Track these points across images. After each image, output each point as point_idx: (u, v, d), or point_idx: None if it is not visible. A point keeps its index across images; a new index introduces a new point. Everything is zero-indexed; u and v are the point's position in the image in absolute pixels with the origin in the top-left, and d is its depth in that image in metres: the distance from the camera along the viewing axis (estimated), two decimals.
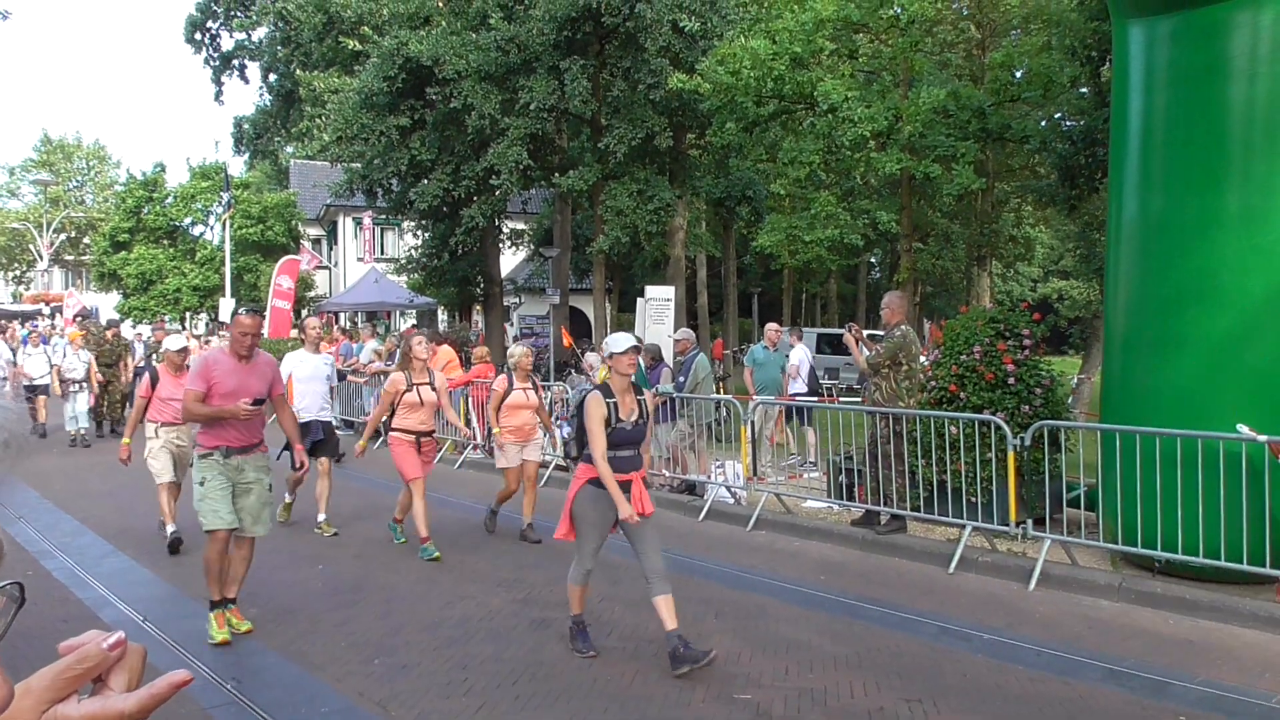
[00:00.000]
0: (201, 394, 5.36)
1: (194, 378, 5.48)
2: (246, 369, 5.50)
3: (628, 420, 5.08)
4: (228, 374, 5.44)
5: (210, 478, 5.39)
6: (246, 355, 5.48)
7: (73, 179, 56.17)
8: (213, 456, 5.42)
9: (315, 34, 27.66)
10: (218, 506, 5.36)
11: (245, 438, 5.53)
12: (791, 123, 20.18)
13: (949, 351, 7.81)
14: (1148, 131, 6.71)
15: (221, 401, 5.38)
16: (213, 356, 5.55)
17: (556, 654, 5.19)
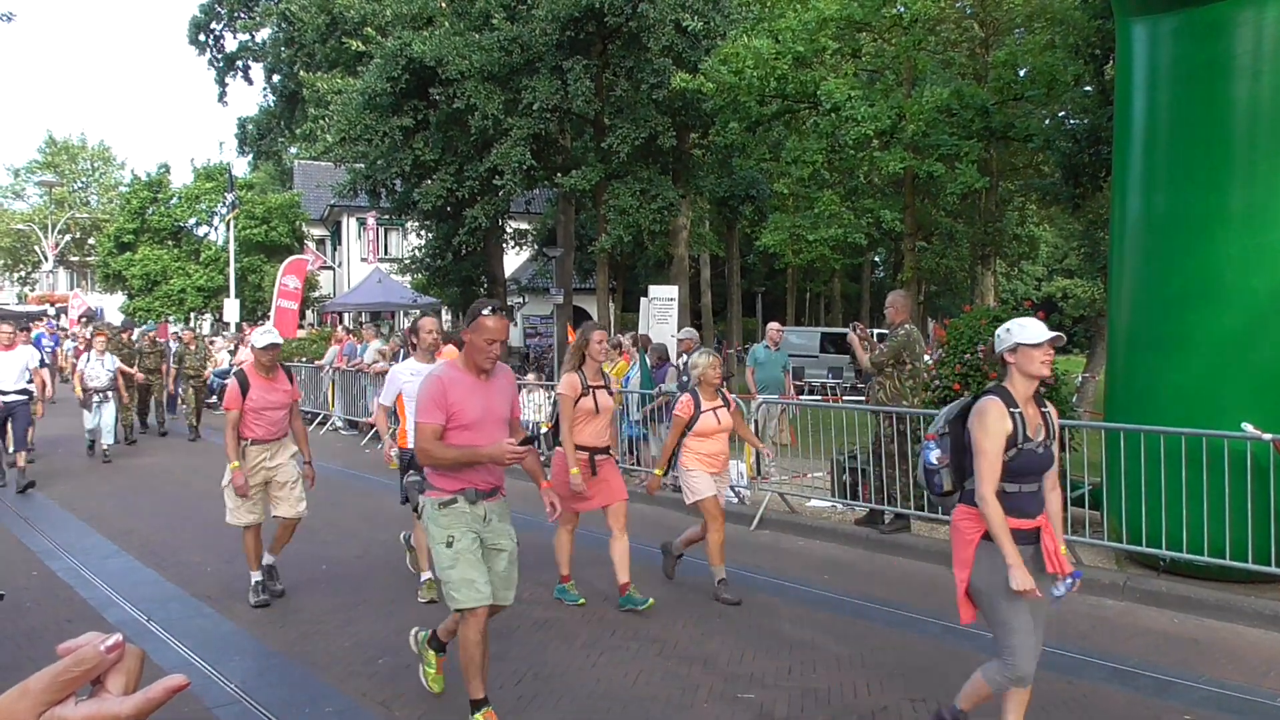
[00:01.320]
0: (440, 427, 4.02)
1: (427, 405, 4.05)
2: (487, 387, 4.20)
3: (1036, 440, 3.60)
4: (469, 395, 4.09)
5: (459, 535, 4.09)
6: (489, 369, 4.20)
7: (77, 180, 56.36)
8: (456, 504, 4.11)
9: (319, 35, 27.76)
10: (473, 574, 4.05)
11: (492, 477, 4.24)
12: (795, 122, 20.18)
13: (952, 350, 7.80)
14: (1151, 130, 6.69)
15: (468, 436, 4.07)
16: (446, 374, 4.14)
17: (559, 654, 5.19)
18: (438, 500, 4.12)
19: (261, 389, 6.07)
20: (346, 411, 15.80)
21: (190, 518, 9.00)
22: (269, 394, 6.11)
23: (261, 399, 6.06)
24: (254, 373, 6.16)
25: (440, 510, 4.11)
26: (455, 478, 4.13)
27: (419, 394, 4.22)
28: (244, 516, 6.08)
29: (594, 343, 6.07)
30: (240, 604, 6.13)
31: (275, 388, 6.14)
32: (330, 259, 38.19)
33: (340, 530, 8.45)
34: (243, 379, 6.12)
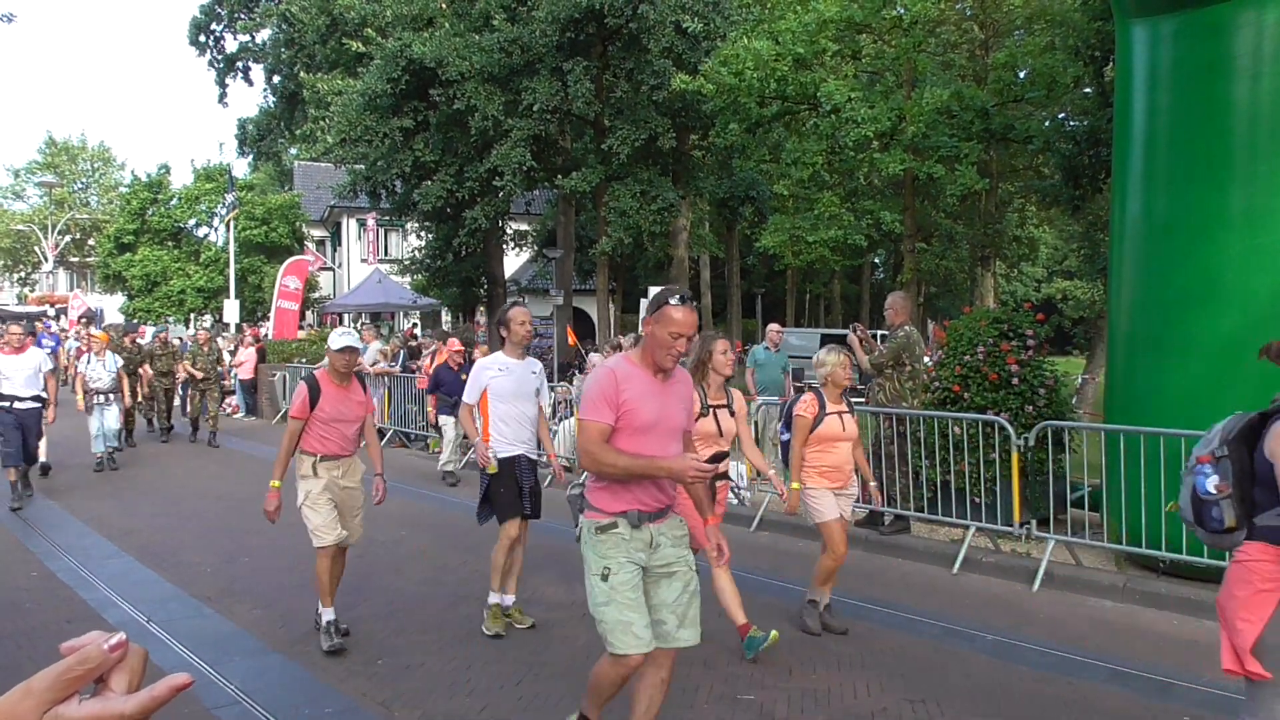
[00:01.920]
0: (608, 428, 3.37)
1: (596, 400, 3.40)
2: (666, 390, 3.51)
3: None
4: (645, 395, 3.43)
5: (617, 567, 3.41)
6: (669, 369, 3.53)
7: (77, 181, 56.39)
8: (617, 530, 3.42)
9: (319, 36, 27.75)
10: (630, 616, 3.37)
11: (664, 496, 3.53)
12: (795, 123, 20.19)
13: (952, 352, 7.80)
14: (1151, 131, 6.70)
15: (638, 443, 3.39)
16: (620, 368, 3.46)
17: (559, 654, 5.19)
18: (595, 523, 3.45)
19: (334, 398, 5.34)
20: None
21: (191, 519, 9.00)
22: (342, 404, 5.37)
23: (334, 410, 5.33)
24: (326, 379, 5.37)
25: (598, 535, 3.44)
26: (618, 495, 3.43)
27: (586, 386, 3.60)
28: (328, 535, 5.26)
29: (718, 354, 5.26)
30: (240, 604, 6.12)
31: (349, 398, 5.40)
32: (330, 260, 38.20)
33: None
34: (314, 385, 5.33)
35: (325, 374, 5.41)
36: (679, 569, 3.56)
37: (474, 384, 5.60)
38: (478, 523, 5.69)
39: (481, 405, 5.59)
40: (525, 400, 5.61)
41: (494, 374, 5.54)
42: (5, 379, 9.37)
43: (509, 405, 5.55)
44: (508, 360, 5.59)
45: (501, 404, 5.55)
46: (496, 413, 5.56)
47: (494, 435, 5.53)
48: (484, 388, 5.54)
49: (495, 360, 5.62)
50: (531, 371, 5.67)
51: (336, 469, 5.37)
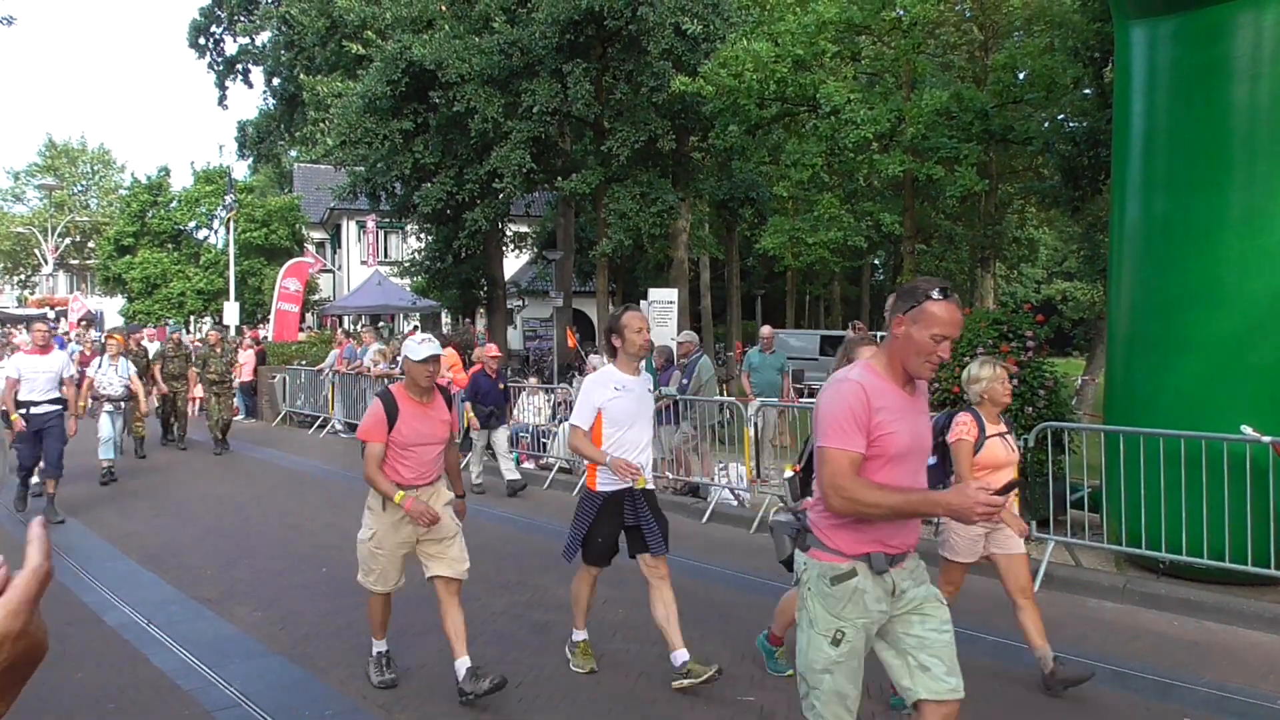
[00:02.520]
0: (860, 457, 2.75)
1: (843, 423, 2.75)
2: (916, 405, 2.95)
3: None
4: (899, 416, 2.83)
5: (853, 632, 2.82)
6: (927, 378, 2.94)
7: (77, 183, 56.44)
8: (853, 578, 2.83)
9: (318, 38, 27.75)
10: (849, 690, 2.86)
11: (911, 534, 2.94)
12: (794, 125, 20.20)
13: (952, 353, 7.81)
14: (1150, 133, 6.71)
15: (891, 473, 2.80)
16: (868, 381, 2.82)
17: (559, 657, 5.19)
18: (830, 570, 2.83)
19: (415, 418, 4.55)
20: (347, 414, 15.80)
21: (191, 522, 9.00)
22: (423, 424, 4.58)
23: (414, 432, 4.54)
24: (405, 396, 4.59)
25: (832, 586, 2.82)
26: (861, 534, 2.82)
27: (824, 406, 2.84)
28: (379, 586, 4.67)
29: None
30: (240, 606, 6.13)
31: (432, 416, 4.63)
32: (330, 262, 38.22)
33: (341, 533, 8.42)
34: (390, 403, 4.53)
35: (402, 389, 4.61)
36: (929, 608, 2.90)
37: (586, 405, 4.73)
38: (566, 558, 5.00)
39: (595, 431, 4.73)
40: (644, 424, 4.82)
41: (610, 394, 4.65)
42: (25, 380, 8.67)
43: (627, 431, 4.70)
44: (623, 377, 4.70)
45: (618, 430, 4.68)
46: (612, 441, 4.67)
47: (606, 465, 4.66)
48: (598, 410, 4.69)
49: (609, 377, 4.72)
50: (648, 389, 4.90)
51: (418, 496, 4.59)
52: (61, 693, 4.67)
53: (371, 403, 4.70)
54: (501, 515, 9.31)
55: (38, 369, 8.75)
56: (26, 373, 8.71)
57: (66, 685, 4.77)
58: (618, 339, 4.72)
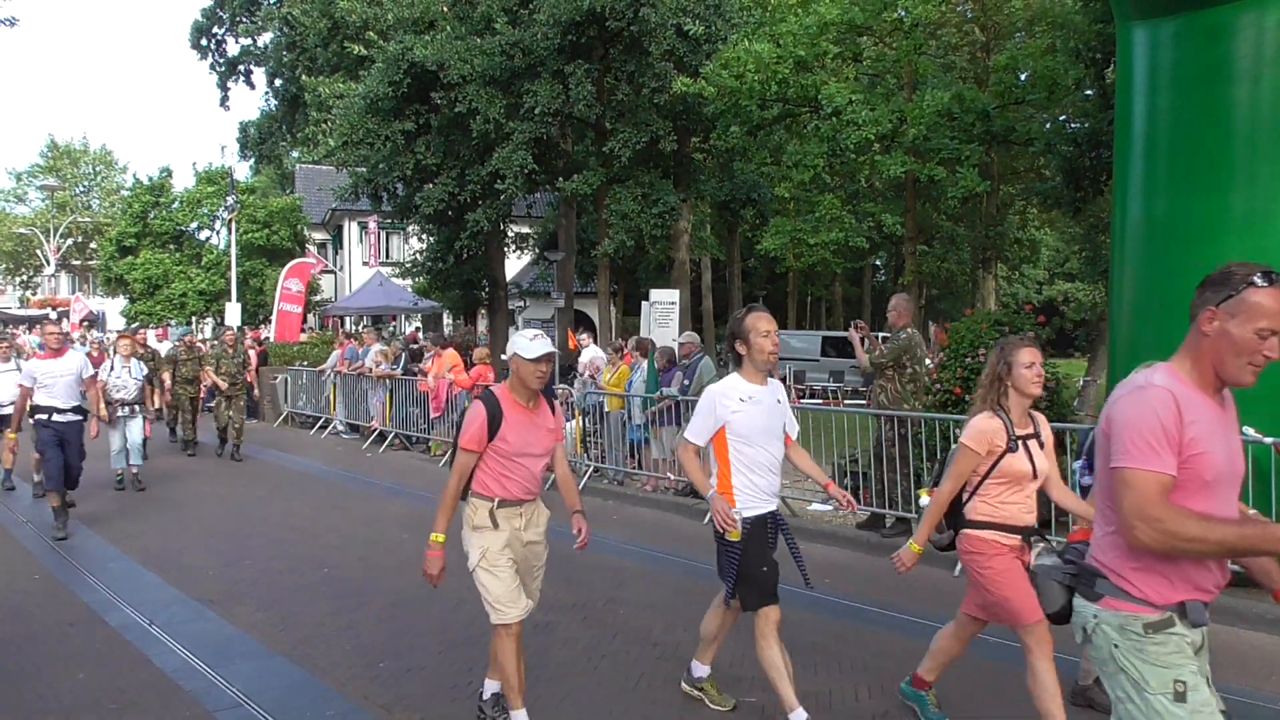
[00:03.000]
0: (1170, 480, 2.29)
1: (1149, 441, 2.31)
2: (1225, 416, 2.64)
3: None
4: (1212, 431, 2.45)
5: (1194, 681, 2.33)
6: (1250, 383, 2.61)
7: (79, 184, 56.55)
8: (1174, 630, 2.36)
9: (320, 39, 27.80)
10: None
11: (1223, 575, 2.44)
12: (796, 126, 20.22)
13: (954, 354, 7.81)
14: (1152, 134, 6.70)
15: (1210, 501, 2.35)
16: (1177, 389, 2.42)
17: (561, 657, 5.19)
18: (1142, 620, 2.36)
19: (521, 425, 4.01)
20: (348, 415, 15.82)
21: (193, 522, 9.00)
22: (530, 432, 4.04)
23: (520, 440, 4.00)
24: (510, 400, 4.03)
25: (1149, 637, 2.35)
26: (1171, 578, 2.35)
27: (1125, 417, 2.37)
28: (512, 608, 4.04)
29: (1020, 366, 3.87)
30: (241, 607, 6.13)
31: (538, 424, 4.08)
32: (332, 263, 38.25)
33: (342, 534, 8.45)
34: (494, 408, 3.97)
35: (507, 392, 4.06)
36: None
37: (706, 417, 4.16)
38: (729, 605, 4.32)
39: (717, 447, 4.17)
40: (775, 439, 4.19)
41: (736, 407, 4.10)
42: (42, 387, 8.19)
43: (758, 448, 4.12)
44: (750, 386, 4.15)
45: (748, 446, 4.10)
46: (742, 459, 4.11)
47: (739, 489, 4.11)
48: (721, 424, 4.12)
49: (734, 387, 4.16)
50: (777, 399, 4.24)
51: (519, 517, 4.12)
52: (63, 693, 4.68)
53: (471, 406, 4.10)
54: None
55: (54, 373, 8.22)
56: (43, 378, 8.19)
57: (68, 685, 4.77)
58: (742, 344, 4.14)
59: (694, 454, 4.22)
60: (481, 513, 4.11)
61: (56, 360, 8.30)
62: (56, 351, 8.36)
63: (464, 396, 12.79)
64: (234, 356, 13.42)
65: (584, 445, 11.16)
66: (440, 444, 13.35)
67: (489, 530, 4.11)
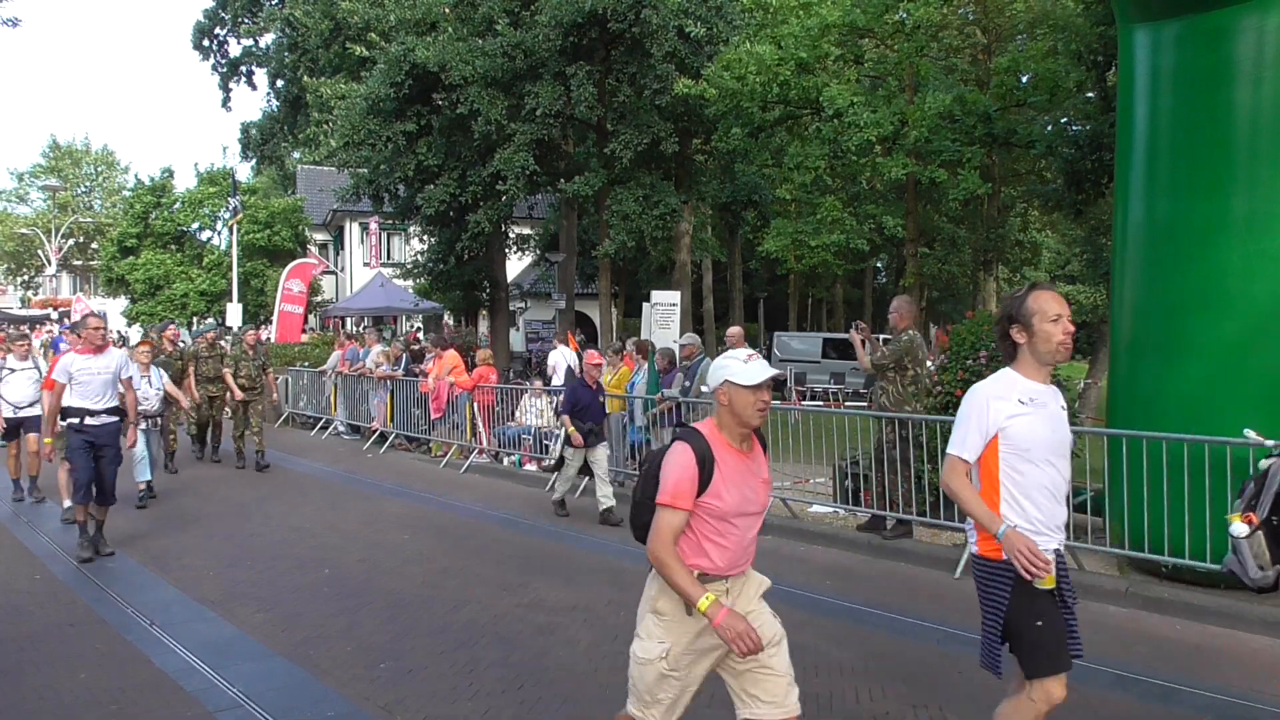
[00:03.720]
0: None
1: None
2: None
3: None
4: None
5: None
6: None
7: (81, 184, 56.60)
8: None
9: (322, 40, 27.83)
10: None
11: None
12: (797, 128, 20.21)
13: (955, 356, 7.80)
14: (1153, 136, 6.70)
15: None
16: None
17: (562, 658, 5.19)
18: None
19: (737, 474, 3.01)
20: (349, 416, 15.82)
21: (193, 522, 9.01)
22: (747, 484, 3.05)
23: (737, 495, 3.00)
24: (720, 440, 3.02)
25: None
26: None
27: None
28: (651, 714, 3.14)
29: None
30: (242, 608, 6.13)
31: (754, 471, 3.10)
32: (333, 264, 38.28)
33: (342, 534, 8.45)
34: (704, 450, 2.96)
35: (715, 431, 3.04)
36: None
37: (974, 425, 3.19)
38: (988, 668, 3.33)
39: (981, 465, 3.22)
40: (1062, 456, 3.29)
41: (1013, 410, 3.14)
42: (77, 384, 7.37)
43: (1041, 467, 3.18)
44: (1030, 385, 3.19)
45: (1027, 464, 3.15)
46: (1018, 481, 3.17)
47: (1013, 518, 3.16)
48: (995, 432, 3.16)
49: (1007, 385, 3.20)
50: (1060, 405, 3.31)
51: (725, 593, 3.08)
52: (63, 693, 4.68)
53: (673, 448, 3.02)
54: (503, 516, 9.31)
55: (91, 369, 7.41)
56: (80, 375, 7.37)
57: (68, 685, 4.78)
58: (1021, 331, 3.20)
59: (964, 473, 3.20)
60: (673, 593, 3.01)
61: (96, 356, 7.47)
62: (98, 348, 7.51)
63: (465, 398, 12.80)
64: (254, 358, 12.60)
65: None
66: (440, 445, 13.35)
67: (677, 619, 3.03)
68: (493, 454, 12.69)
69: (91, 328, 7.56)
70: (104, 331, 7.73)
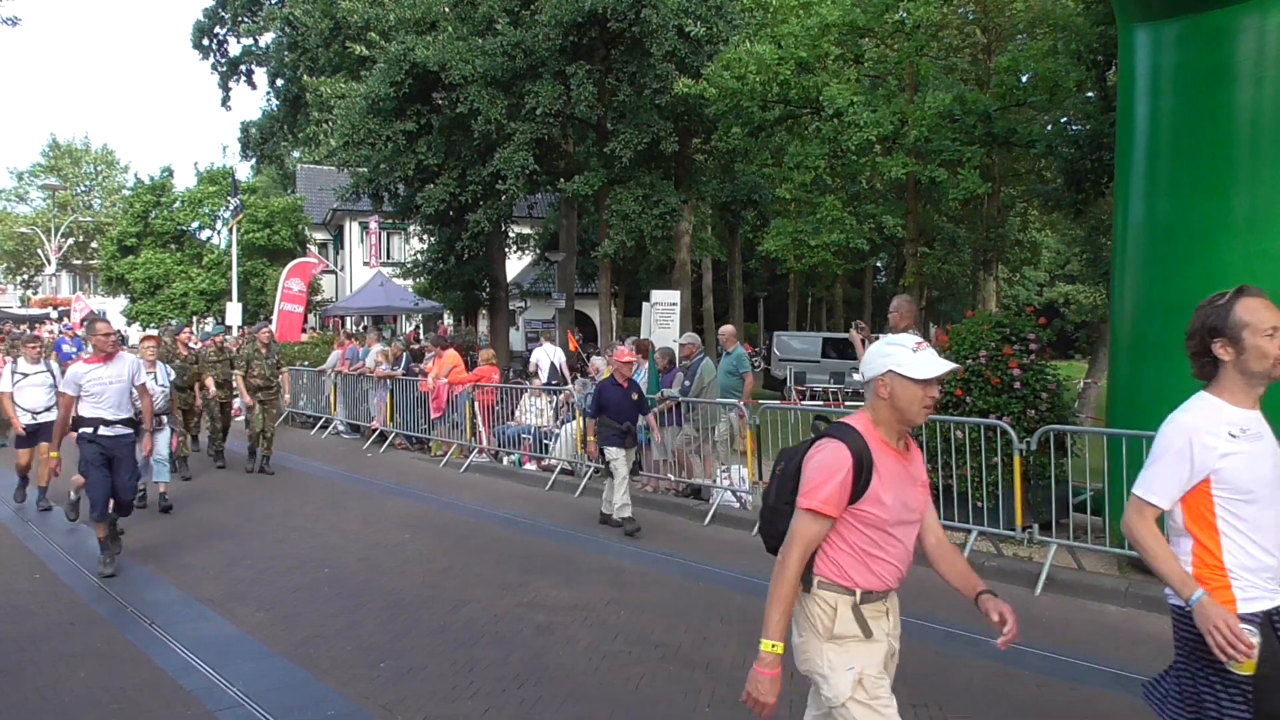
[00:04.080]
0: None
1: None
2: None
3: None
4: None
5: None
6: None
7: (80, 184, 56.60)
8: None
9: (322, 39, 27.80)
10: None
11: None
12: (797, 127, 20.21)
13: (955, 356, 7.80)
14: (1154, 136, 6.71)
15: None
16: None
17: (561, 658, 5.19)
18: None
19: (897, 478, 2.67)
20: (348, 415, 15.82)
21: (192, 522, 9.00)
22: (907, 489, 2.71)
23: (898, 502, 2.65)
24: (878, 439, 2.68)
25: None
26: None
27: None
28: None
29: None
30: (242, 607, 6.13)
31: (913, 474, 2.76)
32: (333, 263, 38.27)
33: (342, 533, 8.45)
34: (861, 450, 2.61)
35: (871, 427, 2.69)
36: None
37: (1174, 467, 2.64)
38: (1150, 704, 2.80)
39: (1191, 510, 2.64)
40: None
41: (1228, 447, 2.60)
42: (89, 395, 6.92)
43: (1267, 509, 2.59)
44: (1239, 414, 2.66)
45: (1251, 505, 2.58)
46: (1242, 525, 2.59)
47: (1238, 572, 2.58)
48: (1205, 475, 2.61)
49: (1212, 415, 2.67)
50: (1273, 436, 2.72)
51: (885, 616, 2.74)
52: (64, 692, 4.68)
53: (825, 446, 2.65)
54: (504, 516, 9.31)
55: (103, 379, 6.95)
56: (90, 386, 6.91)
57: (68, 684, 4.78)
58: (1227, 346, 2.69)
59: (1153, 522, 2.66)
60: (844, 613, 2.65)
61: (107, 365, 6.99)
62: (109, 356, 7.02)
63: (465, 397, 12.80)
64: (268, 357, 12.08)
65: (584, 446, 11.15)
66: (440, 444, 13.35)
67: (858, 641, 2.65)
68: (492, 453, 12.69)
69: (101, 334, 7.00)
70: (114, 337, 7.16)
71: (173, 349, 11.54)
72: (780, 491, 2.77)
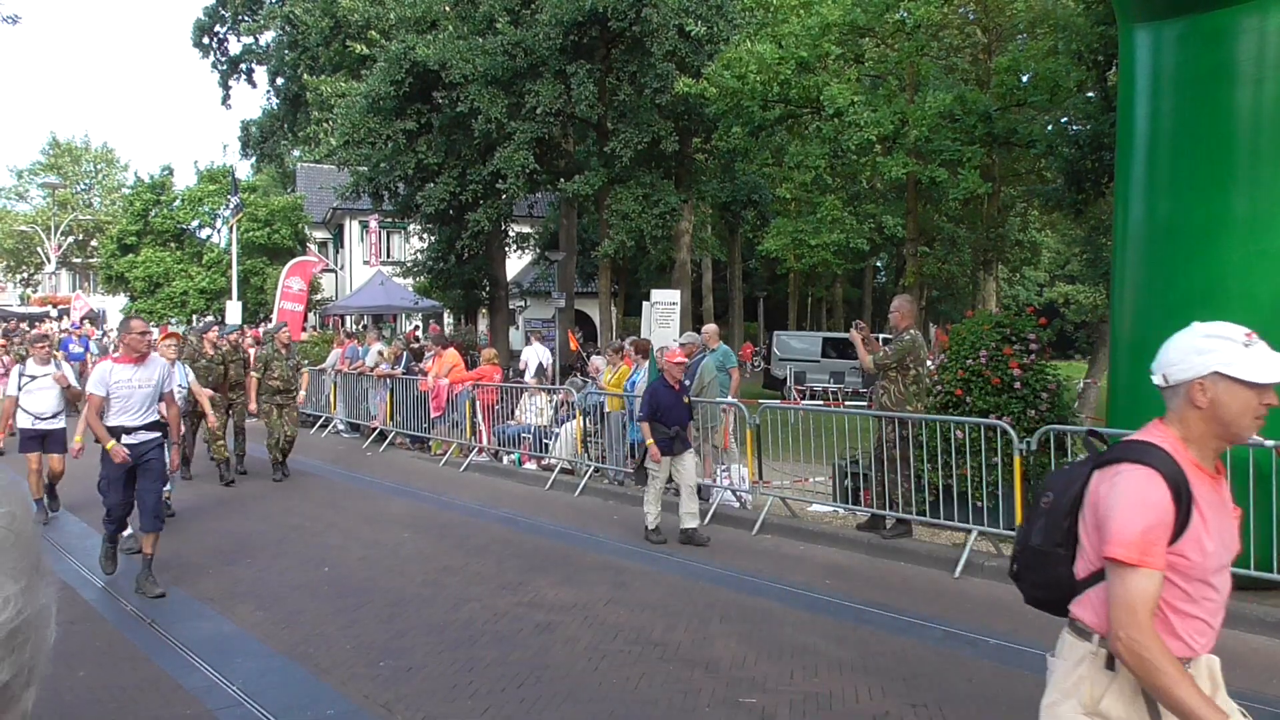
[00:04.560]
0: None
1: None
2: None
3: None
4: None
5: None
6: None
7: (80, 182, 56.60)
8: None
9: (322, 38, 27.79)
10: None
11: None
12: (797, 127, 20.23)
13: (955, 356, 7.81)
14: (1154, 136, 6.70)
15: None
16: None
17: (561, 657, 5.19)
18: None
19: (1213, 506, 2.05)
20: (348, 414, 15.82)
21: (193, 520, 9.00)
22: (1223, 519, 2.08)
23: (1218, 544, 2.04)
24: (1192, 464, 2.05)
25: None
26: None
27: None
28: None
29: None
30: (242, 606, 6.13)
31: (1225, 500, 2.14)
32: (333, 262, 38.26)
33: (342, 532, 8.45)
34: (1177, 478, 2.00)
35: (1180, 445, 2.06)
36: None
37: None
38: None
39: None
40: None
41: None
42: (115, 398, 6.41)
43: None
44: None
45: None
46: None
47: None
48: None
49: None
50: None
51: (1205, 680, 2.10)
52: (64, 691, 4.68)
53: (1130, 474, 2.02)
54: (504, 515, 9.31)
55: (132, 382, 6.46)
56: (118, 388, 6.42)
57: (68, 683, 4.77)
58: None
59: None
60: (1123, 686, 2.06)
61: (138, 368, 6.49)
62: (141, 357, 6.52)
63: (465, 396, 12.79)
64: (287, 359, 11.50)
65: (584, 445, 11.15)
66: (440, 443, 13.35)
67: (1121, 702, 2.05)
68: (492, 453, 12.69)
69: (136, 333, 6.50)
70: (150, 338, 6.70)
71: (199, 348, 11.09)
72: (1051, 531, 2.18)
